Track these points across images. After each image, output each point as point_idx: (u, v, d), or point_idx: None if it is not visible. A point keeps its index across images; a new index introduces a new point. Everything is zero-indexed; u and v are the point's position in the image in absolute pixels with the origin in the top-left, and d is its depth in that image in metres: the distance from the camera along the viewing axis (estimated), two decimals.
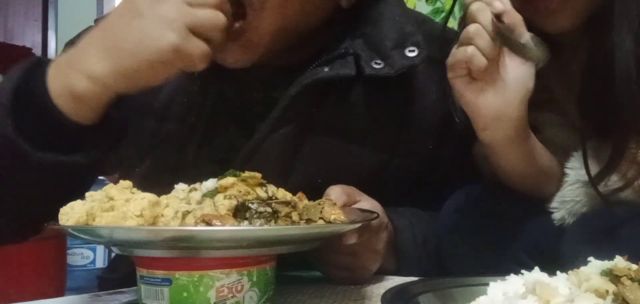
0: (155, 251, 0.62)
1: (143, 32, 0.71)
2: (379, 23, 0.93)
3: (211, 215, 0.62)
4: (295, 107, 0.88)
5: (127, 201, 0.63)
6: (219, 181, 0.68)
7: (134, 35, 0.72)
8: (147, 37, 0.71)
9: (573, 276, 0.56)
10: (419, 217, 0.95)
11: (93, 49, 0.74)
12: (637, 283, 0.53)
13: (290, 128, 0.89)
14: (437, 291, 0.66)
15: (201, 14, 0.72)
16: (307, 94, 0.88)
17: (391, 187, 0.94)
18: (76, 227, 0.63)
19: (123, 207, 0.62)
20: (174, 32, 0.71)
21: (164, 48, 0.71)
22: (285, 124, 0.89)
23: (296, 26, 0.88)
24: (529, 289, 0.55)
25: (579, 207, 0.90)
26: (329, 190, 0.81)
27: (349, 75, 0.88)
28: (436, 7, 2.55)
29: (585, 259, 0.60)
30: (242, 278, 0.62)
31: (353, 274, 0.85)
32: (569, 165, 0.91)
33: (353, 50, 0.89)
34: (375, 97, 0.92)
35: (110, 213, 0.62)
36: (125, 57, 0.72)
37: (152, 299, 0.63)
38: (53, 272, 2.14)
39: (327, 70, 0.88)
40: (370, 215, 0.76)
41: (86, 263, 2.65)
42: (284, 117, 0.88)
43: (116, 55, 0.72)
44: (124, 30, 0.73)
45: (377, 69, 0.88)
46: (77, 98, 0.74)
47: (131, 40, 0.72)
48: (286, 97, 0.88)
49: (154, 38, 0.71)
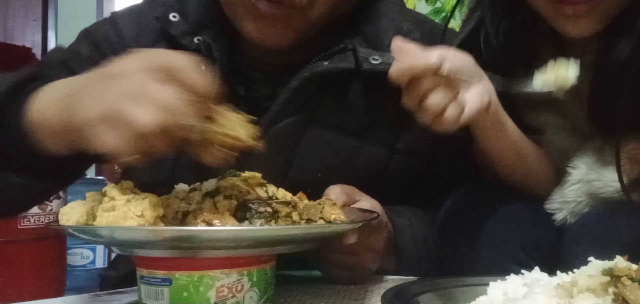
0: (155, 251, 0.62)
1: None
2: (378, 21, 0.95)
3: (212, 216, 0.62)
4: (296, 101, 0.90)
5: (128, 201, 0.62)
6: (219, 181, 0.68)
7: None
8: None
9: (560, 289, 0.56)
10: (419, 217, 0.95)
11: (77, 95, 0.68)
12: (637, 283, 0.53)
13: (291, 121, 0.91)
14: (437, 291, 0.66)
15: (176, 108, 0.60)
16: (307, 87, 0.90)
17: (391, 184, 0.96)
18: (76, 227, 0.63)
19: (124, 207, 0.62)
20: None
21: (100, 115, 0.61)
22: (286, 117, 0.91)
23: (333, 15, 0.91)
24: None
25: (581, 208, 0.90)
26: (328, 190, 0.81)
27: (348, 68, 0.91)
28: (436, 7, 2.55)
29: (585, 260, 0.60)
30: (242, 278, 0.62)
31: (353, 273, 0.85)
32: (570, 165, 0.91)
33: (352, 46, 0.92)
34: (374, 94, 0.94)
35: (111, 213, 0.62)
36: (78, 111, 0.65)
37: (152, 299, 0.63)
38: (53, 272, 2.13)
39: (326, 64, 0.90)
40: (370, 215, 0.76)
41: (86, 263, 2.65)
42: (284, 110, 0.90)
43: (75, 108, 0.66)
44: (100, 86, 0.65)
45: (375, 64, 0.91)
46: (54, 134, 0.70)
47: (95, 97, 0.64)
48: (287, 91, 0.90)
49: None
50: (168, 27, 0.93)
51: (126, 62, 0.64)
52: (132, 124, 0.59)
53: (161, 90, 0.60)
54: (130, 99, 0.60)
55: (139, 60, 0.64)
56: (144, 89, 0.60)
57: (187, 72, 0.61)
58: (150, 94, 0.59)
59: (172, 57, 0.63)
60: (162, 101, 0.59)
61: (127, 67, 0.64)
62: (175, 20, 0.94)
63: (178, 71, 0.61)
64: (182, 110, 0.59)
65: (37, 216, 2.04)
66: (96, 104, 0.61)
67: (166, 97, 0.59)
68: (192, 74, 0.61)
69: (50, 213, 2.05)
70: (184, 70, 0.61)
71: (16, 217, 2.00)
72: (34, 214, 2.03)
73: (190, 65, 0.62)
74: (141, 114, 0.58)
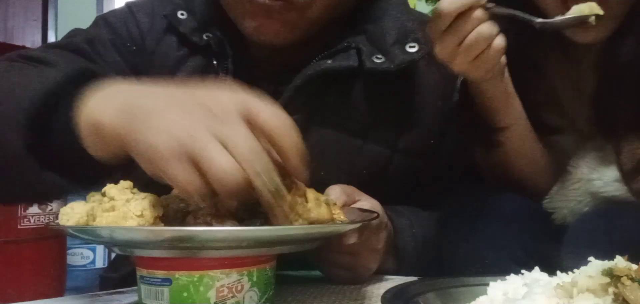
0: (155, 251, 0.62)
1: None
2: (381, 20, 0.96)
3: (213, 215, 0.62)
4: (299, 99, 0.91)
5: (128, 201, 0.62)
6: None
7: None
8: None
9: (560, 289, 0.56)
10: (419, 217, 0.95)
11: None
12: (637, 283, 0.53)
13: (293, 119, 0.90)
14: (437, 291, 0.66)
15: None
16: (310, 85, 0.91)
17: (392, 183, 0.96)
18: (76, 227, 0.63)
19: (123, 207, 0.62)
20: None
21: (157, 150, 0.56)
22: (288, 115, 0.90)
23: (332, 15, 0.91)
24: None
25: (581, 207, 0.90)
26: (328, 190, 0.81)
27: (351, 66, 0.91)
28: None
29: (585, 260, 0.60)
30: (242, 278, 0.62)
31: (353, 273, 0.85)
32: (571, 165, 0.91)
33: (355, 45, 0.93)
34: (376, 93, 0.95)
35: (111, 213, 0.62)
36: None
37: (152, 299, 0.63)
38: (53, 272, 2.13)
39: (330, 62, 0.91)
40: (370, 215, 0.76)
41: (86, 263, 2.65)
42: (287, 108, 0.89)
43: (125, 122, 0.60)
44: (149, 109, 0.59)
45: (378, 63, 0.91)
46: (106, 142, 0.64)
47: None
48: (290, 89, 0.91)
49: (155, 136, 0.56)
50: (177, 24, 0.96)
51: (211, 91, 0.59)
52: (212, 171, 0.53)
53: (252, 143, 0.55)
54: (213, 140, 0.54)
55: (228, 96, 0.58)
56: (234, 134, 0.55)
57: (282, 129, 0.57)
58: (239, 143, 0.54)
59: (268, 109, 0.58)
60: (249, 156, 0.54)
61: (215, 97, 0.58)
62: (183, 17, 0.96)
63: (273, 128, 0.57)
64: (269, 170, 0.55)
65: (37, 216, 2.04)
66: (169, 131, 0.55)
67: (255, 153, 0.54)
68: (287, 133, 0.57)
69: (50, 213, 2.05)
70: (278, 127, 0.57)
71: (16, 217, 2.00)
72: (34, 214, 2.03)
73: (285, 122, 0.58)
74: (226, 164, 0.53)
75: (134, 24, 0.99)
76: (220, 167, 0.53)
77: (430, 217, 0.96)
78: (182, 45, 0.97)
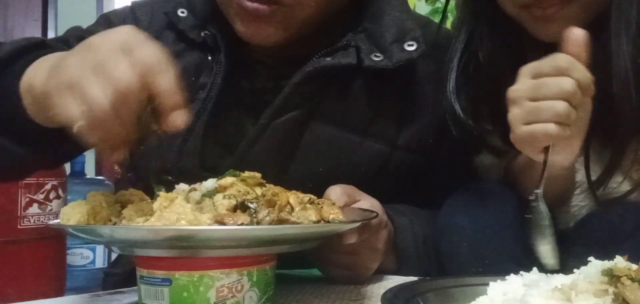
0: (155, 251, 0.62)
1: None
2: (380, 19, 0.97)
3: (223, 214, 0.62)
4: (299, 95, 0.92)
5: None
6: (218, 181, 0.68)
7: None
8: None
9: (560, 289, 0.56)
10: (419, 217, 0.95)
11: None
12: (637, 283, 0.53)
13: (293, 115, 0.92)
14: (437, 291, 0.66)
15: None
16: (310, 82, 0.91)
17: (392, 180, 0.96)
18: (76, 227, 0.63)
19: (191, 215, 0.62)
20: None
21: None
22: (288, 111, 0.92)
23: (324, 13, 0.92)
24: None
25: (584, 212, 0.90)
26: (329, 190, 0.81)
27: (350, 64, 0.92)
28: (436, 7, 2.55)
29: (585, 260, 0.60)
30: (242, 277, 0.62)
31: (353, 273, 0.85)
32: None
33: (355, 43, 0.93)
34: (375, 91, 0.96)
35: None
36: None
37: (152, 299, 0.63)
38: (53, 272, 2.13)
39: (329, 59, 0.92)
40: (369, 214, 0.76)
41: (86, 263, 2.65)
42: (287, 104, 0.92)
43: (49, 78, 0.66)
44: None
45: (376, 61, 0.92)
46: (35, 101, 0.71)
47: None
48: (290, 85, 0.91)
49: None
50: (176, 21, 0.98)
51: (103, 34, 0.64)
52: (86, 96, 0.58)
53: (118, 65, 0.58)
54: (90, 70, 0.59)
55: (115, 35, 0.62)
56: (104, 63, 0.59)
57: (156, 66, 0.59)
58: (107, 69, 0.58)
59: (146, 47, 0.61)
60: (114, 76, 0.58)
61: (105, 37, 0.63)
62: (183, 15, 0.98)
63: (146, 63, 0.59)
64: (133, 87, 0.58)
65: (37, 216, 2.03)
66: (66, 72, 0.61)
67: (119, 73, 0.58)
68: (145, 48, 0.60)
69: (50, 213, 2.05)
70: (152, 64, 0.59)
71: (16, 217, 2.00)
72: (33, 214, 2.03)
73: (160, 59, 0.60)
74: (95, 87, 0.58)
75: (132, 21, 1.02)
76: (90, 94, 0.58)
77: (431, 217, 0.95)
78: (179, 41, 0.98)
